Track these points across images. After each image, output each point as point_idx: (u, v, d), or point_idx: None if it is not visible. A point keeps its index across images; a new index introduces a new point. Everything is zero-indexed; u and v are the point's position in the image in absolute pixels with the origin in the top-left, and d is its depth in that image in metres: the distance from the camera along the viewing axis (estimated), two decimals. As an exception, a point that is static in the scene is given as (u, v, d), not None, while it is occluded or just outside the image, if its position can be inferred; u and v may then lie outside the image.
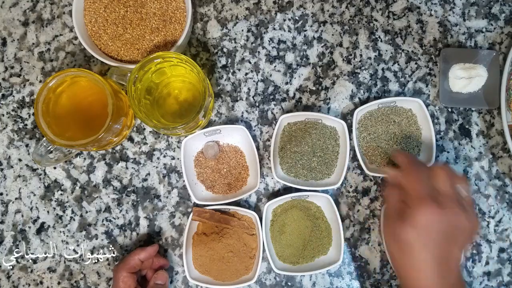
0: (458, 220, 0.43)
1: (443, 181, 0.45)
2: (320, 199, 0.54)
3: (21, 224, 0.56)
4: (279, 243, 0.54)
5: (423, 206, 0.42)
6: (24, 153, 0.57)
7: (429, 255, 0.42)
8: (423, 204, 0.42)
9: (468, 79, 0.55)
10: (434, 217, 0.42)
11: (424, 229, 0.42)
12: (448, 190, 0.44)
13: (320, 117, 0.54)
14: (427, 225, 0.42)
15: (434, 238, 0.42)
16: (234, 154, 0.55)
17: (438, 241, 0.42)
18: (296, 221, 0.54)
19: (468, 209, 0.44)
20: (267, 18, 0.58)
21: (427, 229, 0.42)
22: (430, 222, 0.42)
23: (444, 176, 0.45)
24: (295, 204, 0.54)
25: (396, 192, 0.46)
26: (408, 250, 0.42)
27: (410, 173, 0.46)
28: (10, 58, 0.58)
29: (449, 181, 0.45)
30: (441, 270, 0.42)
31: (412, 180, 0.45)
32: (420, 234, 0.42)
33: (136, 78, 0.47)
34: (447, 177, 0.45)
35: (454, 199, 0.44)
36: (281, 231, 0.54)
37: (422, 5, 0.58)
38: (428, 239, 0.42)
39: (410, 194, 0.44)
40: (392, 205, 0.46)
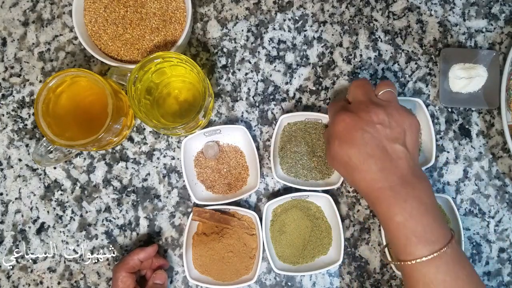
0: (377, 117, 0.43)
1: (354, 92, 0.47)
2: (320, 199, 0.54)
3: (21, 224, 0.56)
4: (279, 243, 0.54)
5: (337, 117, 0.45)
6: (24, 153, 0.57)
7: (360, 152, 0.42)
8: (337, 116, 0.45)
9: (468, 79, 0.55)
10: (347, 120, 0.43)
11: (345, 135, 0.43)
12: (359, 97, 0.46)
13: (320, 117, 0.54)
14: (345, 130, 0.43)
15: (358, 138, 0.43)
16: (234, 154, 0.55)
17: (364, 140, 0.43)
18: (296, 221, 0.54)
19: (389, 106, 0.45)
20: (267, 18, 0.58)
21: (348, 133, 0.43)
22: (347, 126, 0.43)
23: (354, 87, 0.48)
24: (295, 204, 0.54)
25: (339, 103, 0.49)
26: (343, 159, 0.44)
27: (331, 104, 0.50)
28: (10, 58, 0.58)
29: (360, 90, 0.47)
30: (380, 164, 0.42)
31: (331, 106, 0.49)
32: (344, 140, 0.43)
33: (136, 78, 0.47)
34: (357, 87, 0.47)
35: (367, 102, 0.45)
36: (281, 231, 0.54)
37: (422, 5, 0.58)
38: (353, 140, 0.43)
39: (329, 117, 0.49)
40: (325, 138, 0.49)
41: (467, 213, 0.55)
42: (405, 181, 0.42)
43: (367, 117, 0.43)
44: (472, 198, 0.56)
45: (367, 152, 0.42)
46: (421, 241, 0.40)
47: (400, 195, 0.41)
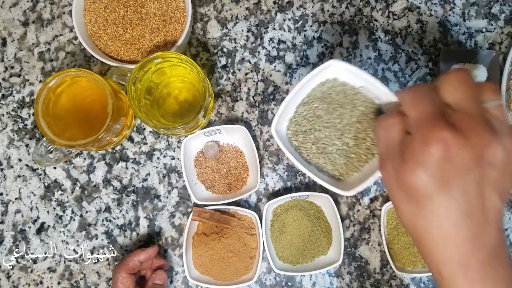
0: (489, 148, 0.28)
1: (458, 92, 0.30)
2: (320, 199, 0.54)
3: (21, 224, 0.56)
4: (279, 243, 0.54)
5: (432, 132, 0.28)
6: (24, 153, 0.57)
7: (456, 208, 0.28)
8: (432, 129, 0.28)
9: (468, 79, 0.54)
10: (451, 146, 0.27)
11: (438, 168, 0.28)
12: (467, 104, 0.29)
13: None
14: (442, 161, 0.27)
15: (456, 179, 0.28)
16: (234, 154, 0.55)
17: (462, 183, 0.28)
18: (296, 221, 0.54)
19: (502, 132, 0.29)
20: (267, 18, 0.58)
21: (443, 166, 0.28)
22: (447, 155, 0.27)
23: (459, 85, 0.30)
24: (295, 204, 0.54)
25: (394, 120, 0.32)
26: (420, 201, 0.29)
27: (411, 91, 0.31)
28: (10, 58, 0.58)
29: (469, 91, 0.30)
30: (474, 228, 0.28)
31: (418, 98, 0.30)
32: (433, 175, 0.28)
33: (136, 78, 0.47)
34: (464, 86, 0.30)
35: (479, 117, 0.29)
36: (281, 231, 0.54)
37: (422, 5, 0.58)
38: (447, 181, 0.28)
39: (412, 118, 0.30)
40: (390, 139, 0.31)
41: (467, 213, 0.55)
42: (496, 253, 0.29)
43: (479, 147, 0.28)
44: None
45: (462, 208, 0.28)
46: None
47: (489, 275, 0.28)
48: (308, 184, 0.56)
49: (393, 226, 0.54)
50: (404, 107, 0.31)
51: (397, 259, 0.53)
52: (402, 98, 0.32)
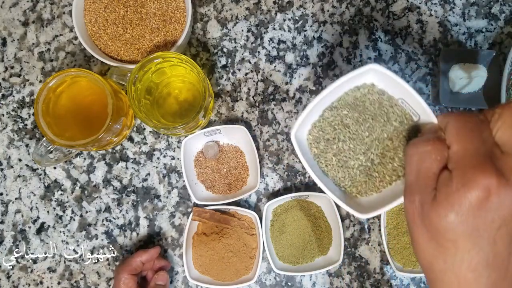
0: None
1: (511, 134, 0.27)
2: (320, 199, 0.54)
3: (21, 224, 0.56)
4: (279, 243, 0.54)
5: (474, 176, 0.26)
6: (24, 153, 0.57)
7: (480, 257, 0.27)
8: (476, 172, 0.26)
9: (468, 79, 0.55)
10: (492, 195, 0.26)
11: (472, 215, 0.26)
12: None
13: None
14: (478, 208, 0.26)
15: (488, 230, 0.26)
16: (234, 154, 0.55)
17: (493, 234, 0.26)
18: (296, 221, 0.54)
19: None
20: (267, 18, 0.58)
21: (478, 214, 0.26)
22: (485, 203, 0.26)
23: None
24: (295, 204, 0.54)
25: (433, 148, 0.28)
26: (443, 244, 0.27)
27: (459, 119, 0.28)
28: (10, 58, 0.58)
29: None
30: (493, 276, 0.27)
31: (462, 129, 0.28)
32: (465, 222, 0.26)
33: (136, 78, 0.47)
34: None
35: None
36: (281, 231, 0.54)
37: (422, 5, 0.58)
38: (478, 229, 0.26)
39: (454, 152, 0.28)
40: (423, 169, 0.29)
41: (467, 213, 0.55)
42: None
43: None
44: None
45: (487, 258, 0.27)
46: None
47: None
48: (308, 184, 0.56)
49: (393, 226, 0.54)
50: (448, 136, 0.28)
51: (397, 259, 0.53)
52: (446, 124, 0.29)
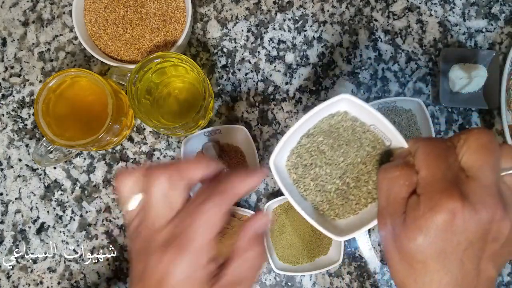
0: (498, 228, 0.28)
1: (478, 157, 0.28)
2: None
3: (21, 224, 0.56)
4: (279, 243, 0.54)
5: (440, 200, 0.27)
6: (24, 153, 0.57)
7: (449, 277, 0.28)
8: (442, 196, 0.27)
9: (468, 79, 0.55)
10: (457, 219, 0.27)
11: (439, 237, 0.27)
12: (483, 173, 0.28)
13: None
14: (445, 231, 0.27)
15: (455, 252, 0.28)
16: (234, 154, 0.55)
17: (461, 256, 0.28)
18: (296, 221, 0.54)
19: None
20: (267, 18, 0.58)
21: (444, 237, 0.27)
22: (451, 226, 0.27)
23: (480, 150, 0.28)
24: None
25: (401, 173, 0.30)
26: (413, 265, 0.29)
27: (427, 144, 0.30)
28: (10, 58, 0.58)
29: (489, 160, 0.28)
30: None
31: (430, 158, 0.29)
32: (433, 244, 0.27)
33: (136, 78, 0.47)
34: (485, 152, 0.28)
35: (493, 190, 0.28)
36: (281, 231, 0.54)
37: (422, 5, 0.58)
38: (445, 252, 0.28)
39: (422, 177, 0.29)
40: (393, 194, 0.30)
41: (467, 213, 0.55)
42: None
43: (487, 223, 0.27)
44: None
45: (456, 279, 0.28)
46: None
47: None
48: (308, 184, 0.56)
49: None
50: (416, 161, 0.30)
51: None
52: (415, 150, 0.31)
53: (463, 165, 0.29)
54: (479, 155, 0.28)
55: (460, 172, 0.28)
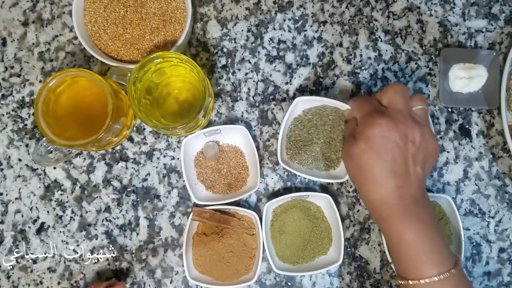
0: (413, 134, 0.42)
1: (392, 97, 0.44)
2: (320, 199, 0.54)
3: (21, 224, 0.56)
4: (279, 243, 0.54)
5: (372, 119, 0.42)
6: (24, 153, 0.57)
7: (385, 166, 0.41)
8: (373, 117, 0.42)
9: (468, 79, 0.55)
10: (384, 128, 0.41)
11: (376, 142, 0.41)
12: (398, 105, 0.43)
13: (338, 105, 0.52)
14: (378, 137, 0.41)
15: (388, 151, 0.41)
16: (234, 154, 0.55)
17: (393, 155, 0.41)
18: (296, 221, 0.54)
19: (423, 126, 0.43)
20: (267, 18, 0.58)
21: (379, 141, 0.41)
22: (382, 133, 0.41)
23: (392, 92, 0.44)
24: (295, 204, 0.54)
25: (350, 122, 0.48)
26: (363, 165, 0.42)
27: (359, 100, 0.47)
28: (10, 58, 0.58)
29: (399, 97, 0.44)
30: (399, 181, 0.41)
31: (362, 104, 0.46)
32: (373, 147, 0.41)
33: (136, 78, 0.47)
34: (396, 93, 0.44)
35: (405, 113, 0.43)
36: (281, 231, 0.54)
37: (422, 5, 0.58)
38: (383, 151, 0.41)
39: (359, 116, 0.45)
40: (349, 131, 0.47)
41: (467, 213, 0.55)
42: (418, 201, 0.42)
43: (404, 130, 0.42)
44: (472, 198, 0.56)
45: (392, 167, 0.41)
46: (430, 261, 0.40)
47: (413, 214, 0.41)
48: (308, 184, 0.56)
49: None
50: (354, 111, 0.47)
51: (397, 259, 0.53)
52: (352, 105, 0.49)
53: (384, 104, 0.45)
54: (393, 94, 0.44)
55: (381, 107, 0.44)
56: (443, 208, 0.54)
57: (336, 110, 0.53)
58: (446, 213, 0.53)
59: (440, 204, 0.54)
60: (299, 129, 0.53)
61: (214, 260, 0.53)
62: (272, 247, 0.54)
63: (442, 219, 0.53)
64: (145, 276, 0.55)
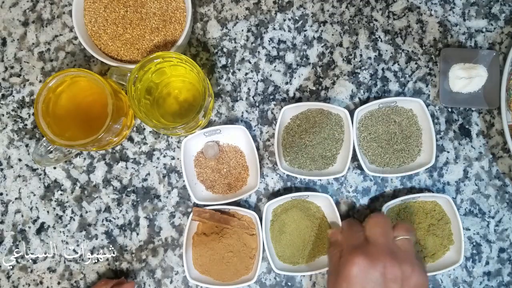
0: (392, 272, 0.41)
1: (372, 230, 0.45)
2: (320, 199, 0.54)
3: (21, 224, 0.56)
4: (279, 243, 0.54)
5: (351, 258, 0.42)
6: (24, 153, 0.57)
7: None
8: (352, 255, 0.43)
9: (468, 79, 0.55)
10: (361, 268, 0.41)
11: (356, 283, 0.41)
12: (379, 239, 0.44)
13: (322, 106, 0.54)
14: (358, 277, 0.41)
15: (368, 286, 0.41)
16: (234, 154, 0.55)
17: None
18: (296, 221, 0.54)
19: (405, 260, 0.43)
20: (267, 18, 0.58)
21: (359, 281, 0.41)
22: (361, 274, 0.41)
23: (373, 224, 0.45)
24: (295, 204, 0.54)
25: (336, 249, 0.47)
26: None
27: (345, 227, 0.49)
28: (10, 58, 0.58)
29: (381, 231, 0.45)
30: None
31: (346, 234, 0.48)
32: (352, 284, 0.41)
33: (136, 78, 0.47)
34: (377, 225, 0.45)
35: (385, 250, 0.43)
36: (281, 231, 0.54)
37: (422, 5, 0.58)
38: None
39: (344, 246, 0.46)
40: (333, 262, 0.47)
41: (467, 213, 0.55)
42: None
43: (381, 269, 0.42)
44: (472, 198, 0.56)
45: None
46: None
47: None
48: (308, 184, 0.56)
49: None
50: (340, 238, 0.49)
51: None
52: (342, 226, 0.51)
53: (366, 236, 0.45)
54: (373, 227, 0.45)
55: (364, 240, 0.45)
56: (443, 208, 0.54)
57: (321, 111, 0.55)
58: (446, 213, 0.53)
59: (440, 204, 0.54)
60: (291, 136, 0.55)
61: (214, 260, 0.53)
62: (272, 247, 0.54)
63: (442, 219, 0.53)
64: (145, 276, 0.55)
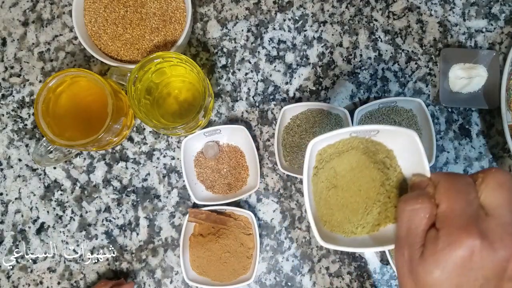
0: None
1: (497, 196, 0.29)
2: (394, 140, 0.35)
3: (21, 224, 0.56)
4: (326, 203, 0.35)
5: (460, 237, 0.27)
6: (24, 153, 0.57)
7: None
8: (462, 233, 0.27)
9: (468, 79, 0.55)
10: (475, 255, 0.27)
11: (456, 272, 0.28)
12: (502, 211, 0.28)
13: (322, 106, 0.54)
14: (462, 267, 0.27)
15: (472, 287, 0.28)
16: (234, 154, 0.55)
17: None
18: (356, 169, 0.35)
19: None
20: (267, 18, 0.58)
21: (462, 272, 0.27)
22: (468, 262, 0.27)
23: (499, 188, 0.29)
24: (355, 144, 0.35)
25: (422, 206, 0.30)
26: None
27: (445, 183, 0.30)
28: (10, 58, 0.58)
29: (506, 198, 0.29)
30: None
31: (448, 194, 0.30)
32: (449, 278, 0.28)
33: (136, 78, 0.47)
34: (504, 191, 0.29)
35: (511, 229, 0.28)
36: (331, 184, 0.35)
37: (422, 5, 0.58)
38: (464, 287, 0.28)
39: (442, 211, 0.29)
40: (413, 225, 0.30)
41: (467, 213, 0.55)
42: None
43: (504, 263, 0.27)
44: None
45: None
46: None
47: None
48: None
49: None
50: (437, 194, 0.30)
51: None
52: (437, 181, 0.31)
53: (482, 202, 0.29)
54: (497, 193, 0.29)
55: (479, 209, 0.29)
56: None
57: (321, 111, 0.54)
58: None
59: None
60: (291, 136, 0.55)
61: (211, 261, 0.53)
62: (315, 207, 0.35)
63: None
64: (145, 276, 0.55)
